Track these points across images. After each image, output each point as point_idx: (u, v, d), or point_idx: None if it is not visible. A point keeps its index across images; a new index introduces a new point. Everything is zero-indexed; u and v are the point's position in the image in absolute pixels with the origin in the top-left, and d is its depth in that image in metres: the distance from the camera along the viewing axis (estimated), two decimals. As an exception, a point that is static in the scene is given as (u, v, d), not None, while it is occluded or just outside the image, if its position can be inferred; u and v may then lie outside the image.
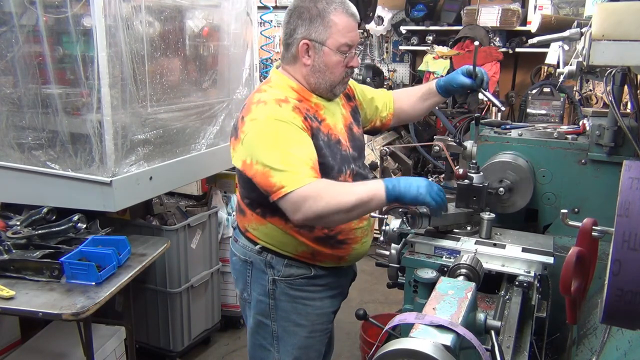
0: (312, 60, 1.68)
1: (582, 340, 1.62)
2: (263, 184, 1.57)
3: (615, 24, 1.10)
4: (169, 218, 2.95)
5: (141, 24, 2.39)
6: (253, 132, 1.61)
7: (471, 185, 1.78)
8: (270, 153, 1.56)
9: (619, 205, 0.90)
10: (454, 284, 1.22)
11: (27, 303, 1.96)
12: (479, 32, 4.59)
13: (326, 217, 1.54)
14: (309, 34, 1.66)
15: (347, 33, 1.65)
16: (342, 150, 1.74)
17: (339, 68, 1.69)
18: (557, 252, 1.68)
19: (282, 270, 1.77)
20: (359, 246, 1.82)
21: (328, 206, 1.51)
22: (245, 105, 1.70)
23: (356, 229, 1.78)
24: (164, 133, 2.60)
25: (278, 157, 1.55)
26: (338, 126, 1.77)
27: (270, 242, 1.77)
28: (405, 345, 0.93)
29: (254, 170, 1.59)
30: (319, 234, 1.73)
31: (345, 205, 1.52)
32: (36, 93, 2.35)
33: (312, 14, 1.64)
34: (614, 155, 1.85)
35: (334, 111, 1.79)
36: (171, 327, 2.92)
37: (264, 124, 1.60)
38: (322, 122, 1.71)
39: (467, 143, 1.96)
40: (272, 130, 1.59)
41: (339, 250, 1.78)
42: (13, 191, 2.43)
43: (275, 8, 5.26)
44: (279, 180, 1.53)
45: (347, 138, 1.79)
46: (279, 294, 1.78)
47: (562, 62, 1.75)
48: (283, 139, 1.57)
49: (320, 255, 1.76)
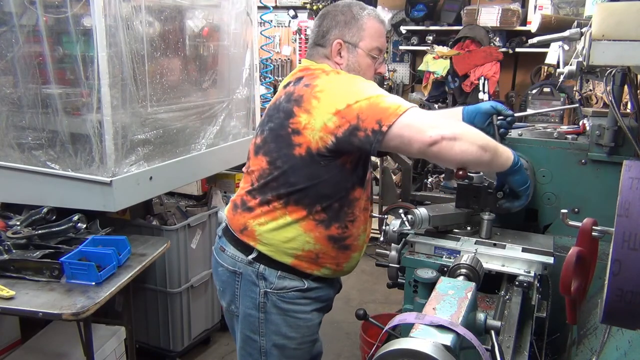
0: (344, 60, 1.72)
1: (582, 340, 1.62)
2: (375, 114, 1.48)
3: (615, 24, 1.10)
4: (169, 218, 2.95)
5: (141, 24, 2.39)
6: (338, 82, 1.61)
7: (471, 185, 1.78)
8: (368, 88, 1.56)
9: (619, 205, 0.90)
10: (454, 284, 1.22)
11: (27, 303, 1.96)
12: (479, 32, 4.59)
13: (458, 140, 1.44)
14: (342, 35, 1.71)
15: (378, 38, 1.73)
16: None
17: (370, 70, 1.74)
18: (557, 252, 1.68)
19: (275, 283, 1.71)
20: (357, 255, 1.82)
21: (465, 130, 1.48)
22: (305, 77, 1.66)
23: (361, 235, 1.79)
24: (164, 133, 2.60)
25: (378, 89, 1.55)
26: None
27: (272, 241, 1.69)
28: (405, 345, 0.93)
29: (356, 110, 1.50)
30: (333, 232, 1.70)
31: (480, 140, 1.48)
32: (36, 93, 2.35)
33: (347, 18, 1.71)
34: (614, 155, 1.85)
35: None
36: (171, 327, 2.92)
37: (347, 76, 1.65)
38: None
39: (467, 143, 1.95)
40: (359, 79, 1.62)
41: (341, 256, 1.76)
42: (13, 191, 2.43)
43: (275, 8, 5.27)
44: (394, 102, 1.50)
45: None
46: (270, 307, 1.73)
47: (562, 62, 1.75)
48: (371, 85, 1.59)
49: (323, 257, 1.72)
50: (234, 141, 3.12)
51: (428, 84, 4.88)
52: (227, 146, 3.04)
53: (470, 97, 4.64)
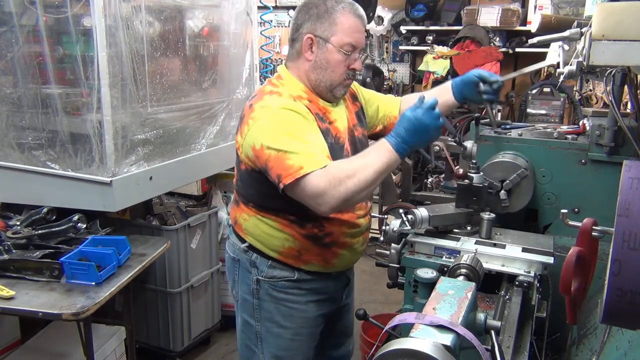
0: (314, 55, 1.67)
1: (582, 340, 1.62)
2: (277, 168, 1.50)
3: (615, 24, 1.11)
4: (169, 218, 2.95)
5: (141, 24, 2.39)
6: (265, 118, 1.57)
7: (471, 185, 1.78)
8: (285, 138, 1.52)
9: (619, 205, 0.90)
10: (454, 284, 1.22)
11: (27, 303, 1.96)
12: (479, 32, 4.59)
13: (351, 200, 1.48)
14: (314, 29, 1.65)
15: (352, 33, 1.64)
16: (343, 154, 1.70)
17: (340, 67, 1.66)
18: (557, 252, 1.68)
19: (266, 271, 1.75)
20: (347, 252, 1.78)
21: (350, 189, 1.44)
22: (256, 95, 1.68)
23: (346, 233, 1.75)
24: (164, 133, 2.60)
25: (293, 142, 1.50)
26: (341, 128, 1.76)
27: (257, 236, 1.74)
28: (405, 345, 0.93)
29: (266, 156, 1.52)
30: (309, 231, 1.69)
31: (365, 182, 1.46)
32: (36, 93, 2.35)
33: (320, 11, 1.64)
34: (614, 155, 1.85)
35: (341, 114, 1.78)
36: (171, 327, 2.92)
37: (277, 111, 1.57)
38: (332, 124, 1.71)
39: (467, 143, 1.96)
40: (286, 119, 1.56)
41: (327, 252, 1.74)
42: (13, 191, 2.43)
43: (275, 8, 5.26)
44: (297, 162, 1.46)
45: (349, 141, 1.77)
46: (263, 294, 1.77)
47: (562, 62, 1.75)
48: (297, 127, 1.55)
49: (307, 253, 1.72)
50: (234, 141, 3.12)
51: (428, 84, 4.88)
52: (227, 146, 3.04)
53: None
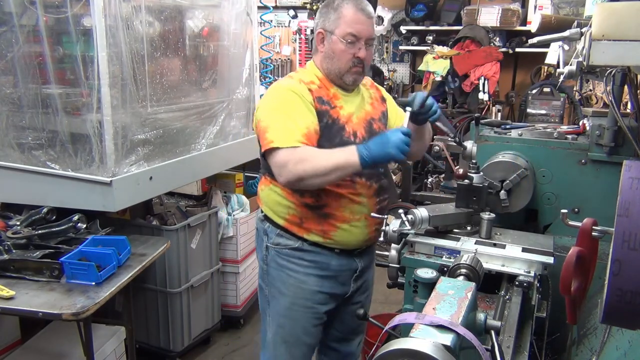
0: (324, 47, 1.86)
1: (582, 340, 1.62)
2: (260, 139, 1.78)
3: (615, 24, 1.11)
4: (169, 218, 2.95)
5: (141, 24, 2.39)
6: (268, 95, 1.85)
7: (471, 185, 1.78)
8: (275, 114, 1.77)
9: (619, 205, 0.90)
10: (454, 284, 1.22)
11: (27, 303, 1.96)
12: (479, 32, 4.60)
13: (305, 180, 1.69)
14: (324, 24, 1.86)
15: (353, 24, 1.79)
16: (344, 136, 1.82)
17: (345, 56, 1.81)
18: (557, 252, 1.68)
19: (274, 239, 1.91)
20: (347, 228, 1.85)
21: (306, 170, 1.67)
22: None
23: (345, 207, 1.83)
24: (164, 133, 2.60)
25: (279, 119, 1.75)
26: (354, 116, 1.88)
27: (269, 205, 1.93)
28: (405, 345, 0.93)
29: (259, 127, 1.80)
30: (307, 200, 1.84)
31: (322, 169, 1.66)
32: (36, 93, 2.35)
33: (330, 8, 1.85)
34: (614, 155, 1.85)
35: (353, 102, 1.91)
36: (171, 327, 2.92)
37: (279, 90, 1.83)
38: (335, 107, 1.84)
39: (467, 143, 1.96)
40: (283, 97, 1.80)
41: (325, 223, 1.85)
42: (13, 191, 2.43)
43: (275, 8, 5.26)
44: (271, 136, 1.72)
45: (364, 129, 1.88)
46: (270, 260, 1.94)
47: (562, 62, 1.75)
48: (289, 106, 1.77)
49: (307, 222, 1.86)
50: (234, 141, 3.12)
51: (428, 84, 4.88)
52: (227, 146, 3.04)
53: (470, 97, 4.64)
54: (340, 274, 1.95)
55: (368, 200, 1.87)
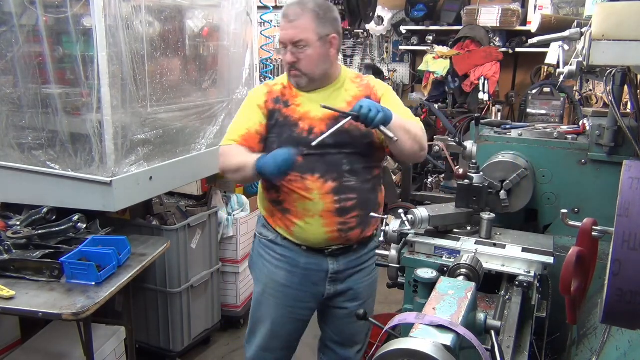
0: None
1: (582, 340, 1.62)
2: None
3: (615, 24, 1.11)
4: (169, 218, 2.95)
5: (141, 24, 2.39)
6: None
7: (471, 185, 1.78)
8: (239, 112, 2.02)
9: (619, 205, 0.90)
10: (454, 284, 1.22)
11: (27, 303, 1.96)
12: (479, 32, 4.60)
13: (226, 173, 1.98)
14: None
15: (280, 31, 1.88)
16: (294, 132, 1.88)
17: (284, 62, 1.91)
18: (557, 252, 1.68)
19: (259, 228, 2.07)
20: (302, 225, 1.90)
21: (223, 165, 1.93)
22: None
23: (298, 203, 1.89)
24: (164, 133, 2.60)
25: (234, 120, 2.02)
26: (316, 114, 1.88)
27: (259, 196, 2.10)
28: (405, 345, 0.93)
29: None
30: (272, 195, 1.96)
31: (231, 167, 1.91)
32: (36, 93, 2.35)
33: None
34: (614, 155, 1.85)
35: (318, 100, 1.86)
36: (171, 327, 2.92)
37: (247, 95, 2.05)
38: (291, 106, 1.91)
39: (467, 143, 1.96)
40: (244, 101, 2.03)
41: (286, 219, 1.94)
42: (13, 191, 2.43)
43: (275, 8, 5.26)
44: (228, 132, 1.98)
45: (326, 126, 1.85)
46: (256, 247, 2.10)
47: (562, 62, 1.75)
48: (242, 109, 2.00)
49: (275, 215, 1.97)
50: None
51: (428, 84, 4.88)
52: (227, 146, 3.03)
53: (470, 97, 4.64)
54: (310, 272, 1.97)
55: (321, 198, 1.86)
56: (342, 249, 1.97)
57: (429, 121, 4.96)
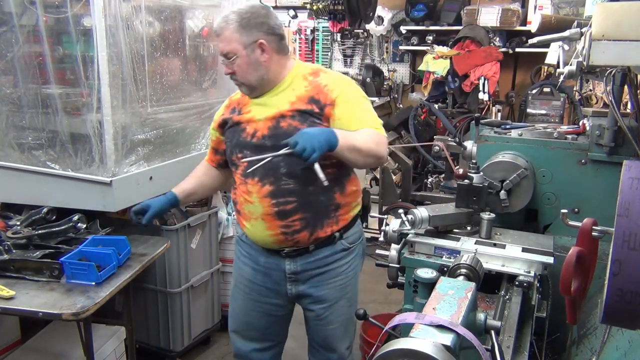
0: None
1: (582, 340, 1.62)
2: None
3: (615, 24, 1.11)
4: (169, 218, 2.94)
5: (141, 24, 2.39)
6: None
7: (471, 185, 1.78)
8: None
9: (619, 205, 0.90)
10: (454, 284, 1.22)
11: (27, 303, 1.96)
12: (479, 32, 4.59)
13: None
14: None
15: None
16: (241, 136, 1.90)
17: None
18: (557, 252, 1.68)
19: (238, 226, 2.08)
20: (249, 226, 1.93)
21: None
22: None
23: (243, 205, 1.93)
24: (164, 133, 2.60)
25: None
26: (260, 117, 1.88)
27: None
28: (405, 345, 0.93)
29: None
30: (232, 196, 2.02)
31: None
32: (36, 93, 2.35)
33: None
34: (614, 155, 1.85)
35: (265, 104, 1.89)
36: (171, 327, 2.92)
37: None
38: (242, 113, 1.94)
39: (467, 143, 1.96)
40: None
41: (240, 219, 1.99)
42: (13, 191, 2.43)
43: (275, 8, 5.26)
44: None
45: (267, 128, 1.85)
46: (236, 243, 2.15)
47: (562, 62, 1.75)
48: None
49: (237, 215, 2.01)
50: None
51: (428, 84, 4.88)
52: (227, 146, 3.03)
53: (470, 97, 4.63)
54: (270, 271, 1.99)
55: (260, 202, 1.85)
56: (296, 250, 1.92)
57: (429, 121, 4.96)
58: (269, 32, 1.83)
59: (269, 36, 1.83)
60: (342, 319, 2.02)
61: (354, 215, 1.98)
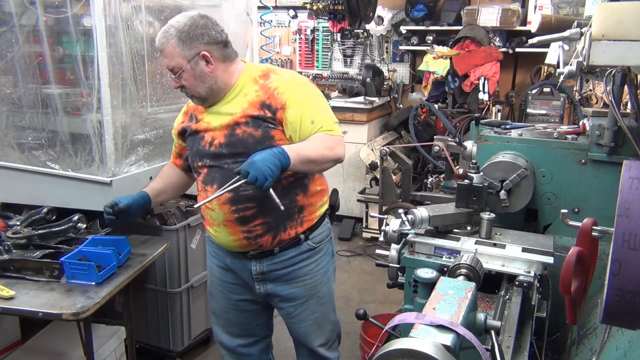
0: None
1: (582, 340, 1.62)
2: None
3: (615, 24, 1.11)
4: (169, 218, 2.94)
5: (141, 24, 2.39)
6: None
7: (471, 185, 1.78)
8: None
9: (619, 205, 0.90)
10: (454, 284, 1.22)
11: (27, 303, 1.96)
12: (479, 32, 4.59)
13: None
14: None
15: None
16: (200, 144, 1.90)
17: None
18: (557, 252, 1.68)
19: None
20: (213, 232, 1.95)
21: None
22: None
23: (206, 212, 1.93)
24: (164, 133, 2.60)
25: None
26: (215, 125, 1.87)
27: None
28: (405, 345, 0.93)
29: None
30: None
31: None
32: (36, 93, 2.35)
33: None
34: (614, 155, 1.85)
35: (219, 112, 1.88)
36: (171, 327, 2.92)
37: None
38: (199, 121, 1.93)
39: (467, 143, 1.96)
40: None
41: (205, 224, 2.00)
42: (13, 191, 2.43)
43: (275, 8, 5.26)
44: None
45: (223, 136, 1.85)
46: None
47: (562, 62, 1.75)
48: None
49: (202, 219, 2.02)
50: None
51: (428, 84, 4.88)
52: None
53: (470, 97, 4.64)
54: (237, 271, 2.01)
55: (220, 208, 1.85)
56: (261, 252, 1.92)
57: (429, 121, 4.96)
58: (210, 42, 1.79)
59: (211, 46, 1.79)
60: (315, 317, 2.03)
61: (320, 215, 1.96)
